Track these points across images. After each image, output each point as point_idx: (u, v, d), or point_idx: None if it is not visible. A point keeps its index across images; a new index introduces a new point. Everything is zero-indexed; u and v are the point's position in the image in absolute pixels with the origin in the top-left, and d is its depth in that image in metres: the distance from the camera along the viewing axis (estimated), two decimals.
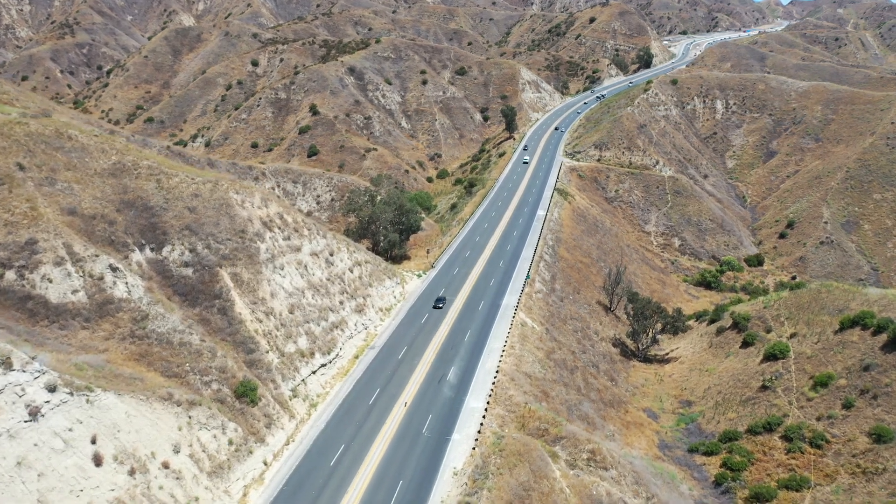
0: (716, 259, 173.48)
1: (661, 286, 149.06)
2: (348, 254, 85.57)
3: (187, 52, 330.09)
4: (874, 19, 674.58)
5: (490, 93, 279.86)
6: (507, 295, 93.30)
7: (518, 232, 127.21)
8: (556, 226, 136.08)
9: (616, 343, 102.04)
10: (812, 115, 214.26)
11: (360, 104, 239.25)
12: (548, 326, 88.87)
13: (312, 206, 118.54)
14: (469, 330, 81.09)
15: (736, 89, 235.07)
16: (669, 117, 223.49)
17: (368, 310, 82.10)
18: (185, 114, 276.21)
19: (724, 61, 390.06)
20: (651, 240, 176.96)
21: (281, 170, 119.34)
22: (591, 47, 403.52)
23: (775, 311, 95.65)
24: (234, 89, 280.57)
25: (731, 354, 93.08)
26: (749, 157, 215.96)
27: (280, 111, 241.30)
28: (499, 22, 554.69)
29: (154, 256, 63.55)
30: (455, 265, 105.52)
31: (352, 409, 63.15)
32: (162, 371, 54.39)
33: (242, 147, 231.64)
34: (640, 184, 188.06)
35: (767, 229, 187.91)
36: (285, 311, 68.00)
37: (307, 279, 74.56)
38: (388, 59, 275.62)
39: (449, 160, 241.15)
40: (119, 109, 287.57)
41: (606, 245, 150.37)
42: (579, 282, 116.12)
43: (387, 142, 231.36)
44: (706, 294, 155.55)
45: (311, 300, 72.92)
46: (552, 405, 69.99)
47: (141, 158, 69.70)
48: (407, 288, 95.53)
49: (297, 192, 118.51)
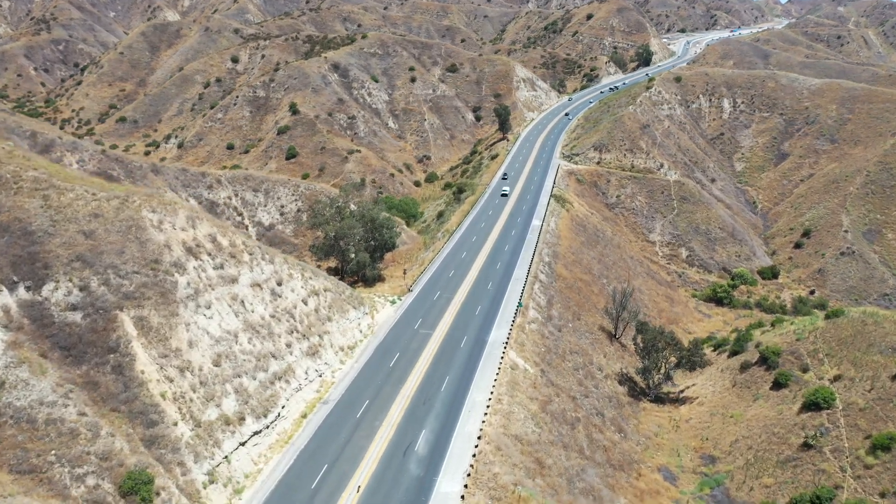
0: (727, 271, 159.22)
1: (670, 304, 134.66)
2: (302, 281, 70.82)
3: (166, 49, 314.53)
4: (875, 17, 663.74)
5: (483, 91, 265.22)
6: (494, 328, 78.70)
7: (510, 246, 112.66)
8: (552, 238, 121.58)
9: (623, 379, 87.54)
10: (827, 115, 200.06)
11: (343, 103, 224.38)
12: (543, 367, 74.31)
13: (275, 217, 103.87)
14: (448, 376, 66.46)
15: (744, 87, 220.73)
16: (674, 117, 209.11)
17: (325, 351, 67.39)
18: (161, 113, 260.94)
19: (726, 59, 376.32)
20: (656, 250, 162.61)
21: (239, 177, 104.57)
22: (588, 45, 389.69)
23: (811, 344, 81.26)
24: (213, 87, 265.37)
25: (761, 397, 78.66)
26: (759, 159, 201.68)
27: (258, 110, 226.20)
28: (493, 19, 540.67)
29: (30, 297, 48.72)
30: (436, 288, 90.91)
31: (287, 497, 48.41)
32: (12, 466, 39.60)
33: (217, 148, 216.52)
34: (643, 189, 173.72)
35: (781, 238, 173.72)
36: (208, 364, 53.25)
37: (244, 318, 59.83)
38: (374, 55, 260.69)
39: (438, 162, 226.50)
40: (91, 109, 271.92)
41: (608, 258, 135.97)
42: (580, 304, 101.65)
43: (372, 143, 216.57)
44: (718, 311, 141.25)
45: (248, 345, 58.20)
46: (549, 479, 55.44)
47: (25, 168, 54.85)
48: (377, 318, 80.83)
49: (257, 201, 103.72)
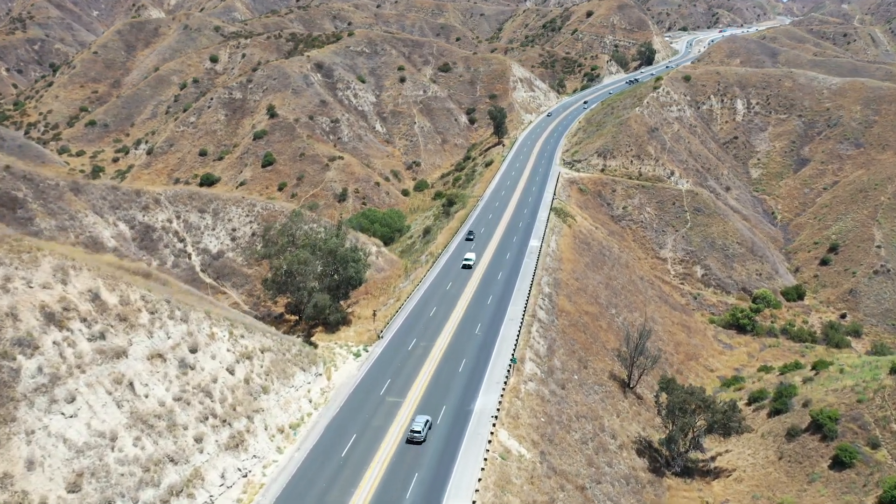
0: (746, 292, 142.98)
1: (686, 333, 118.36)
2: (230, 342, 54.43)
3: (143, 48, 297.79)
4: (881, 15, 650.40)
5: (477, 92, 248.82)
6: (482, 392, 62.35)
7: (504, 274, 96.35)
8: (553, 261, 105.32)
9: (642, 449, 71.18)
10: (850, 117, 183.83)
11: (326, 105, 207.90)
12: (544, 447, 58.01)
13: (225, 243, 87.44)
14: (417, 474, 50.06)
15: (758, 86, 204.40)
16: (683, 119, 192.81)
17: (255, 438, 51.03)
18: (133, 116, 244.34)
19: (732, 57, 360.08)
20: (668, 268, 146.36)
21: (183, 195, 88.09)
22: (588, 43, 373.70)
23: (878, 409, 65.02)
24: (190, 88, 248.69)
25: (818, 478, 62.39)
26: (777, 165, 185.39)
27: (234, 113, 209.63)
28: (490, 17, 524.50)
29: None
30: (412, 333, 74.49)
31: None
32: None
33: (189, 155, 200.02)
34: (652, 199, 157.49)
35: (805, 253, 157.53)
36: (58, 492, 36.87)
37: (131, 409, 43.42)
38: (361, 53, 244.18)
39: (429, 169, 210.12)
40: (60, 111, 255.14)
41: (617, 281, 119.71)
42: (586, 346, 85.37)
43: (357, 148, 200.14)
44: (740, 340, 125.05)
45: (132, 450, 41.82)
46: None
47: None
48: (335, 379, 64.46)
49: (204, 224, 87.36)
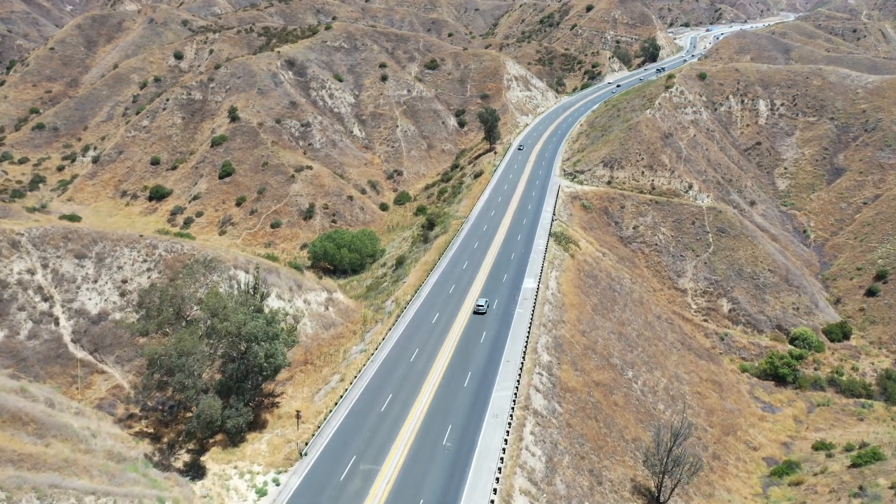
0: (782, 330, 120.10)
1: (719, 394, 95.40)
2: None
3: (105, 44, 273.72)
4: (889, 10, 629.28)
5: (468, 91, 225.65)
6: None
7: (489, 334, 73.34)
8: (553, 310, 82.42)
9: None
10: (891, 120, 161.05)
11: (297, 107, 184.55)
12: None
13: (111, 300, 64.19)
14: None
15: (783, 85, 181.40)
16: (700, 122, 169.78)
17: None
18: (87, 119, 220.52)
19: (742, 53, 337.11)
20: (688, 301, 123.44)
21: (55, 235, 64.37)
22: (588, 39, 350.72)
23: None
24: (150, 88, 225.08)
25: None
26: (807, 175, 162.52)
27: (193, 116, 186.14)
28: (485, 12, 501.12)
29: None
30: (353, 444, 51.39)
31: None
32: None
33: (140, 164, 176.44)
34: (668, 217, 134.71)
35: (846, 281, 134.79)
36: None
37: None
38: (339, 49, 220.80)
39: (412, 179, 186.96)
40: (7, 113, 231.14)
41: (631, 326, 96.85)
42: (599, 444, 62.46)
43: (330, 156, 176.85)
44: (781, 397, 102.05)
45: None
46: None
47: None
48: None
49: (81, 275, 64.08)
